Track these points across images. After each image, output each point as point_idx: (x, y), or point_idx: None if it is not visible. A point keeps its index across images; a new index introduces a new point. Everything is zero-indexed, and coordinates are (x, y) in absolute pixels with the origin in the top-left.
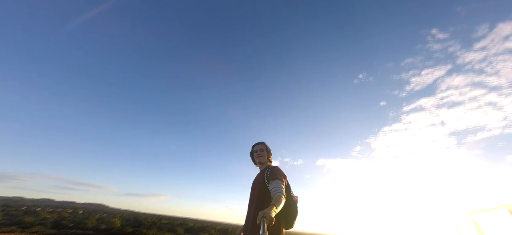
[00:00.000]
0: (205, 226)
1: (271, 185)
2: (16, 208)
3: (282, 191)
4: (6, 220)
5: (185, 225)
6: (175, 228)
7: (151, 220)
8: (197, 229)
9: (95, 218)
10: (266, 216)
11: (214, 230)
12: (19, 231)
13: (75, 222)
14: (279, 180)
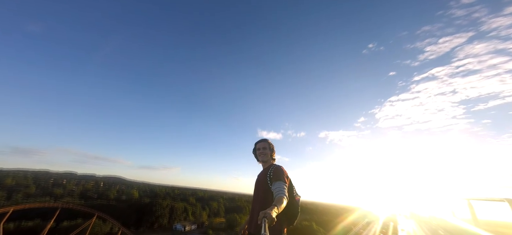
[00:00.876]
0: (214, 196)
1: (274, 186)
2: (45, 181)
3: (284, 192)
4: (39, 192)
5: (195, 195)
6: (187, 198)
7: (165, 191)
8: (207, 198)
9: (116, 189)
10: (267, 217)
11: (222, 199)
12: (53, 201)
13: (99, 193)
14: (282, 181)
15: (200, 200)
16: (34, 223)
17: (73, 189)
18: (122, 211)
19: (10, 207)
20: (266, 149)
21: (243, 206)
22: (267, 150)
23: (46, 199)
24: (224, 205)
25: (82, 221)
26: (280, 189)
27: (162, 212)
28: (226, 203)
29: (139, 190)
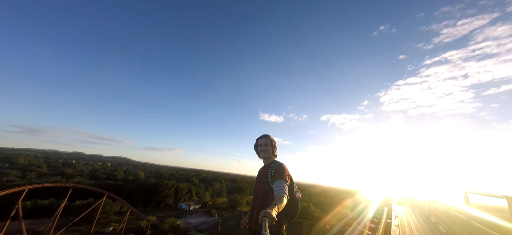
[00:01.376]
0: (216, 177)
1: (275, 185)
2: (55, 160)
3: (285, 191)
4: (50, 171)
5: (199, 176)
6: (191, 179)
7: (170, 172)
8: (210, 179)
9: (123, 170)
10: (267, 216)
11: (225, 180)
12: (64, 181)
13: (107, 173)
14: (283, 180)
15: (204, 180)
16: (49, 202)
17: (83, 169)
18: (130, 191)
19: (25, 186)
20: (268, 146)
21: (244, 187)
22: (268, 147)
23: (58, 179)
24: (226, 185)
25: (93, 201)
26: (281, 188)
27: (168, 192)
28: (228, 184)
29: (145, 171)
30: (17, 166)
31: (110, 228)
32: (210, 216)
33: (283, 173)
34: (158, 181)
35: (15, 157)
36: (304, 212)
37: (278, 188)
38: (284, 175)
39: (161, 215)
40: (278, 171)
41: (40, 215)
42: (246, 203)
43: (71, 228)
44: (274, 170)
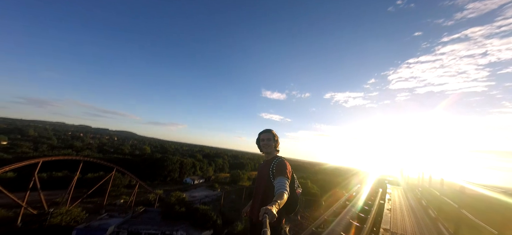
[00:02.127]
0: (219, 153)
1: (276, 181)
2: (63, 133)
3: (286, 187)
4: (60, 143)
5: (202, 152)
6: (194, 154)
7: (174, 147)
8: (212, 155)
9: (129, 144)
10: (268, 213)
11: (227, 156)
12: (74, 154)
13: (114, 147)
14: (284, 177)
15: (207, 156)
16: (63, 174)
17: (91, 143)
18: (137, 165)
19: (39, 158)
20: (270, 141)
21: (245, 163)
22: (271, 142)
23: (68, 152)
24: (229, 161)
25: (104, 174)
26: (282, 185)
27: (173, 167)
28: (230, 160)
29: (150, 146)
30: (28, 138)
31: (121, 201)
32: (213, 190)
33: (285, 170)
34: (164, 156)
35: (26, 129)
36: (303, 188)
37: (279, 185)
38: (285, 171)
39: (167, 189)
40: (280, 167)
41: (56, 187)
42: (247, 179)
43: (85, 200)
44: (276, 166)
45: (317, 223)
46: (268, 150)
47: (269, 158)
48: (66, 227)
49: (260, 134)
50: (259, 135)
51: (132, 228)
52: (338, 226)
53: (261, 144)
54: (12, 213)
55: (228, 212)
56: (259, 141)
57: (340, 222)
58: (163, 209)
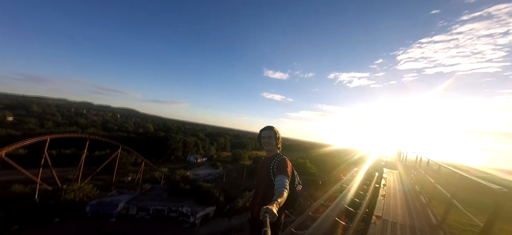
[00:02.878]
0: (221, 132)
1: (276, 179)
2: (67, 110)
3: (286, 186)
4: (65, 120)
5: (204, 131)
6: (197, 133)
7: (177, 125)
8: (214, 134)
9: (132, 122)
10: (269, 213)
11: (228, 135)
12: (80, 131)
13: (118, 125)
14: (285, 175)
15: (209, 135)
16: (71, 151)
17: (95, 120)
18: (141, 144)
19: (47, 135)
20: (271, 138)
21: (246, 142)
22: (272, 139)
23: (74, 129)
24: (230, 141)
25: (110, 152)
26: (282, 183)
27: (177, 146)
28: (232, 139)
29: (153, 124)
30: (32, 114)
31: (128, 178)
32: (216, 169)
33: (285, 168)
34: (167, 134)
35: (29, 105)
36: (301, 168)
37: (279, 183)
38: (286, 170)
39: (172, 167)
40: (280, 166)
41: (65, 164)
42: (248, 158)
43: (95, 177)
44: (277, 164)
45: (313, 208)
46: (268, 147)
47: (271, 155)
48: (80, 203)
49: (261, 131)
50: (260, 131)
51: (140, 204)
52: (333, 212)
53: (262, 142)
54: (29, 188)
55: (230, 189)
56: (260, 138)
57: (335, 208)
58: (169, 186)
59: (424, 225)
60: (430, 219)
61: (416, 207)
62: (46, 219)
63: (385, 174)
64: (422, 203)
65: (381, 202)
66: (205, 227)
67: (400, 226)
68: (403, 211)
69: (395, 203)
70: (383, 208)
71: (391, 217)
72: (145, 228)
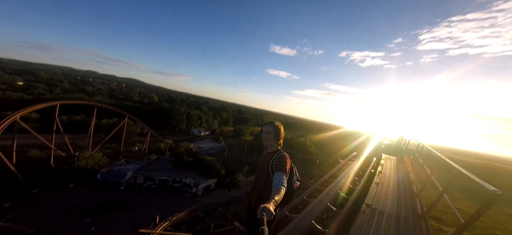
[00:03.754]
0: (224, 106)
1: (275, 176)
2: (73, 77)
3: (283, 183)
4: (72, 87)
5: (208, 104)
6: (200, 106)
7: (181, 98)
8: (218, 108)
9: (137, 92)
10: (266, 211)
11: (231, 110)
12: (87, 99)
13: (123, 94)
14: (283, 173)
15: (212, 109)
16: (81, 118)
17: (101, 88)
18: (147, 114)
19: (56, 101)
20: (270, 134)
21: (249, 118)
22: (271, 135)
23: (81, 96)
24: (233, 115)
25: (118, 121)
26: (280, 181)
27: (181, 118)
28: (235, 114)
29: (158, 95)
30: (41, 80)
31: (135, 148)
32: (218, 143)
33: (284, 166)
34: (171, 106)
35: (36, 71)
36: (301, 147)
37: (277, 180)
38: (284, 167)
39: (176, 139)
40: (279, 163)
41: (75, 130)
42: (249, 134)
43: (104, 145)
44: (276, 161)
45: (308, 192)
46: (267, 142)
47: (271, 150)
48: (91, 170)
49: (263, 126)
50: (262, 126)
51: (147, 174)
52: (326, 196)
53: (262, 136)
54: (44, 154)
55: (231, 163)
56: (261, 132)
57: (329, 192)
58: (174, 158)
59: (410, 215)
60: (417, 209)
61: (406, 196)
62: (62, 184)
63: (383, 160)
64: (413, 193)
65: (374, 190)
66: (206, 197)
67: (387, 216)
68: (393, 200)
69: (387, 191)
70: (374, 196)
71: (380, 206)
72: (152, 197)
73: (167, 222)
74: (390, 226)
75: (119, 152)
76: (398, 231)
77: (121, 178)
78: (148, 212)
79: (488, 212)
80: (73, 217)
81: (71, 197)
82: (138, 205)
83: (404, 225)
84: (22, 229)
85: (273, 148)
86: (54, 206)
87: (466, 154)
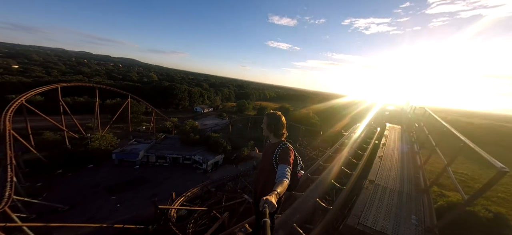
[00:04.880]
0: (224, 82)
1: (278, 168)
2: (67, 59)
3: (287, 175)
4: (69, 69)
5: (208, 81)
6: (201, 83)
7: (180, 75)
8: (218, 84)
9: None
10: (268, 204)
11: (232, 85)
12: (87, 81)
13: (122, 74)
14: (286, 165)
15: (213, 86)
16: (85, 99)
17: (98, 69)
18: (148, 93)
19: (56, 83)
20: (264, 124)
21: (250, 93)
22: (264, 125)
23: (80, 77)
24: (234, 91)
25: (121, 101)
26: (283, 173)
27: (183, 95)
28: (236, 89)
29: (156, 74)
30: (35, 62)
31: (143, 127)
32: (222, 119)
33: (288, 158)
34: (172, 84)
35: (29, 54)
36: (303, 119)
37: (281, 172)
38: (288, 159)
39: (180, 117)
40: (283, 155)
41: (80, 111)
42: (252, 108)
43: (112, 126)
44: (280, 153)
45: (312, 169)
46: (265, 133)
47: (274, 141)
48: (105, 151)
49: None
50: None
51: (158, 153)
52: (330, 173)
53: (262, 126)
54: (58, 135)
55: (236, 139)
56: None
57: (333, 169)
58: (181, 136)
59: (412, 190)
60: (420, 183)
61: (409, 170)
62: (81, 164)
63: (387, 131)
64: (417, 165)
65: (377, 165)
66: (216, 173)
67: (389, 191)
68: (396, 175)
69: (390, 165)
70: (378, 171)
71: (383, 181)
72: (165, 174)
73: (182, 198)
74: (393, 202)
75: (128, 132)
76: (400, 206)
77: (134, 158)
78: (164, 188)
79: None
80: (99, 194)
81: (93, 176)
82: (154, 182)
83: (406, 200)
84: (58, 206)
85: (275, 139)
86: (80, 185)
87: (474, 115)
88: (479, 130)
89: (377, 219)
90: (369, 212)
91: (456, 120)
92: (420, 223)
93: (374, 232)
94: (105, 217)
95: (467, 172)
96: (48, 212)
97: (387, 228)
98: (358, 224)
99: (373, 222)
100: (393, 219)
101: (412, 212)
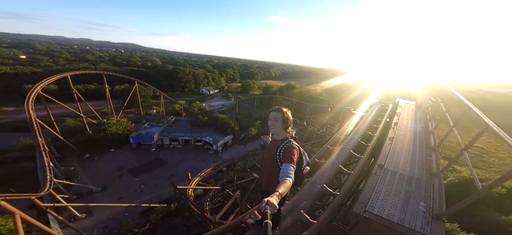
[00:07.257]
0: (228, 63)
1: (282, 167)
2: (70, 47)
3: (290, 175)
4: (74, 57)
5: (211, 62)
6: (204, 65)
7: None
8: (222, 65)
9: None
10: (269, 205)
11: (236, 65)
12: (92, 68)
13: (126, 59)
14: (290, 164)
15: (216, 67)
16: (95, 87)
17: (101, 56)
18: (154, 77)
19: (66, 72)
20: (277, 121)
21: (255, 72)
22: (278, 122)
23: (86, 65)
24: (238, 71)
25: (129, 86)
26: (287, 172)
27: (188, 78)
28: (240, 69)
29: (159, 57)
30: (40, 52)
31: (154, 111)
32: (228, 99)
33: (292, 156)
34: (176, 67)
35: (32, 43)
36: (312, 98)
37: (284, 172)
38: (292, 158)
39: (188, 99)
40: (287, 153)
41: (92, 98)
42: (257, 88)
43: (125, 111)
44: (284, 151)
45: (319, 154)
46: (274, 130)
47: (279, 138)
48: (122, 135)
49: (269, 112)
50: (268, 112)
51: (171, 135)
52: (338, 158)
53: (268, 123)
54: (78, 121)
55: (243, 119)
56: (267, 119)
57: (341, 153)
58: (190, 118)
59: (423, 175)
60: (432, 167)
61: (421, 152)
62: (104, 148)
63: (399, 108)
64: (430, 147)
65: (387, 148)
66: (226, 153)
67: (399, 176)
68: (406, 158)
69: (401, 148)
70: (387, 155)
71: (392, 166)
72: (180, 156)
73: (198, 178)
74: (402, 188)
75: (141, 116)
76: (409, 192)
77: (150, 141)
78: (179, 169)
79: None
80: (124, 176)
81: (116, 160)
82: (171, 164)
83: (416, 185)
84: (93, 187)
85: (280, 135)
86: (106, 168)
87: (499, 86)
88: (501, 98)
89: (384, 206)
90: (377, 198)
91: (477, 90)
92: (428, 210)
93: (381, 220)
94: (132, 197)
95: (483, 146)
96: (85, 193)
97: (394, 215)
98: (365, 211)
99: (380, 209)
100: (401, 206)
101: (421, 199)
